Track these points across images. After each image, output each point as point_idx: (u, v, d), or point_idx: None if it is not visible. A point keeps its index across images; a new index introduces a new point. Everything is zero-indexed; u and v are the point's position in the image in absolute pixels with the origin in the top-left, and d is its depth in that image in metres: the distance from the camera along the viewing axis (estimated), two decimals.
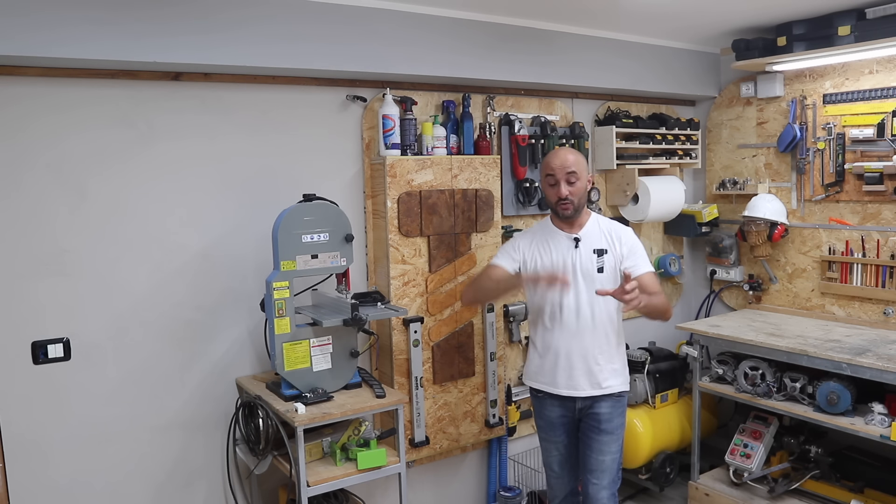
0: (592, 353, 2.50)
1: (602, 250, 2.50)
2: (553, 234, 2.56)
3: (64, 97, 2.37)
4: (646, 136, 3.73)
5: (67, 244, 2.41)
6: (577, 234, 2.53)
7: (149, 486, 2.62)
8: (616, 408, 2.54)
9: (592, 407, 2.53)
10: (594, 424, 2.53)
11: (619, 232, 2.55)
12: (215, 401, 2.73)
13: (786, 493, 3.19)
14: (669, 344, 3.99)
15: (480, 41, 3.02)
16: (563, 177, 2.45)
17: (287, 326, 2.47)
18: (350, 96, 2.92)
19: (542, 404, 2.63)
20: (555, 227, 2.57)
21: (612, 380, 2.53)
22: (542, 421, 2.66)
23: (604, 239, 2.52)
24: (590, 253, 2.50)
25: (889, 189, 3.25)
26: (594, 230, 2.55)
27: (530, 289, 2.58)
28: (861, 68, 3.34)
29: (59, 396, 2.43)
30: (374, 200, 2.98)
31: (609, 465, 2.54)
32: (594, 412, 2.53)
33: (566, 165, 2.44)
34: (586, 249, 2.50)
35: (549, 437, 2.65)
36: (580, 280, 2.48)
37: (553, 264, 2.50)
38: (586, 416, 2.55)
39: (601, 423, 2.52)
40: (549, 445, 2.66)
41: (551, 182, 2.47)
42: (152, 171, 2.54)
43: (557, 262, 2.51)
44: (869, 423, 2.80)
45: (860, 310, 3.43)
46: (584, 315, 2.48)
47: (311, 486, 2.37)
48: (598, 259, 2.49)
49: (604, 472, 2.54)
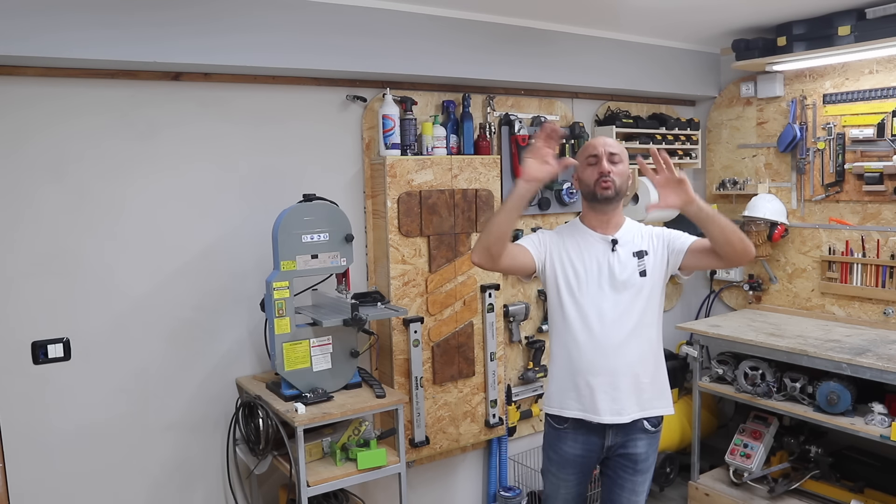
0: (636, 370, 2.13)
1: (642, 251, 2.16)
2: (584, 235, 2.19)
3: (64, 97, 2.37)
4: (646, 136, 3.73)
5: (67, 244, 2.41)
6: (613, 235, 2.18)
7: (149, 486, 2.62)
8: (652, 444, 2.23)
9: (626, 445, 2.18)
10: (628, 465, 2.21)
11: (656, 231, 2.22)
12: (215, 401, 2.73)
13: (786, 493, 3.20)
14: (669, 344, 3.99)
15: (480, 41, 3.02)
16: (606, 155, 2.13)
17: (287, 326, 2.47)
18: (350, 96, 2.92)
19: (561, 437, 2.22)
20: (586, 228, 2.21)
21: (661, 400, 2.20)
22: (555, 455, 2.26)
23: (643, 240, 2.19)
24: (629, 256, 2.15)
25: (889, 189, 3.25)
26: (631, 231, 2.21)
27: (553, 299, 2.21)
28: (861, 68, 3.34)
29: (59, 396, 2.43)
30: (374, 200, 2.98)
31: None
32: (628, 452, 2.19)
33: (608, 145, 2.16)
34: (625, 252, 2.16)
35: (560, 474, 2.26)
36: (619, 287, 2.13)
37: (586, 270, 2.15)
38: (617, 454, 2.21)
39: (637, 464, 2.20)
40: (559, 484, 2.27)
41: (591, 161, 2.14)
42: (152, 171, 2.54)
43: (591, 266, 2.15)
44: (869, 423, 2.80)
45: (860, 310, 3.43)
46: (627, 326, 2.12)
47: (311, 486, 2.37)
48: (640, 262, 2.15)
49: None
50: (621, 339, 2.12)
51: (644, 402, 2.16)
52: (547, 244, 2.21)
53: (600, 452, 2.22)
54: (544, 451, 2.34)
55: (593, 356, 2.13)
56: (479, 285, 3.14)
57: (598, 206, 2.17)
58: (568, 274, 2.17)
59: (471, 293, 3.11)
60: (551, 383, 2.26)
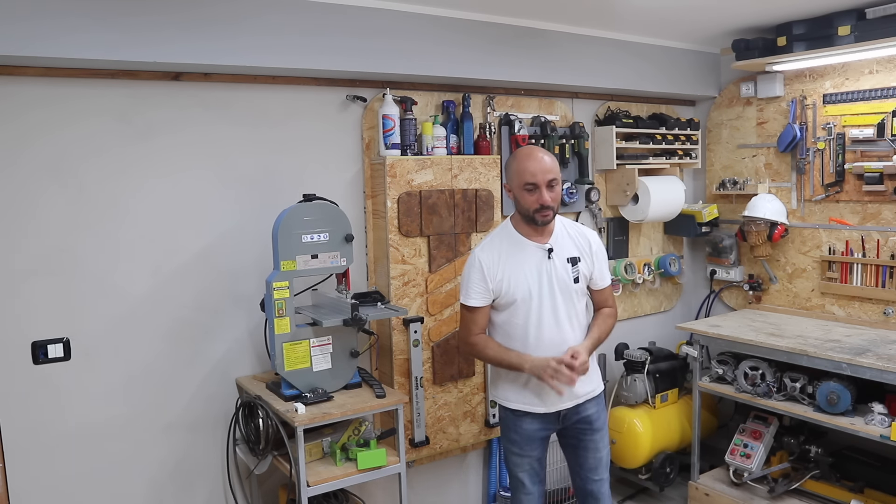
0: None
1: (576, 258, 2.36)
2: (521, 245, 2.34)
3: (64, 97, 2.37)
4: (646, 136, 3.73)
5: (68, 244, 2.41)
6: (548, 243, 2.34)
7: (149, 486, 2.62)
8: (600, 404, 2.50)
9: (578, 412, 2.43)
10: (585, 427, 2.45)
11: (587, 236, 2.42)
12: (215, 401, 2.73)
13: (786, 493, 3.19)
14: (669, 344, 3.99)
15: (480, 41, 3.02)
16: (545, 182, 2.23)
17: (287, 326, 2.47)
18: (350, 96, 2.92)
19: (519, 420, 2.42)
20: (521, 237, 2.35)
21: (594, 380, 2.47)
22: (516, 436, 2.44)
23: (574, 245, 2.38)
24: (564, 263, 2.34)
25: (889, 189, 3.25)
26: (563, 236, 2.38)
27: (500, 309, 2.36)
28: (861, 68, 3.34)
29: (59, 396, 2.43)
30: (374, 200, 2.98)
31: (605, 459, 2.51)
32: (583, 416, 2.44)
33: (546, 170, 2.24)
34: (560, 259, 2.34)
35: (523, 451, 2.45)
36: (557, 294, 2.32)
37: (527, 281, 2.31)
38: (573, 422, 2.45)
39: (592, 424, 2.45)
40: (523, 461, 2.46)
41: (530, 188, 2.24)
42: (152, 171, 2.54)
43: (531, 277, 2.31)
44: (869, 423, 2.80)
45: (860, 310, 3.43)
46: (565, 328, 2.33)
47: (311, 486, 2.37)
48: (574, 269, 2.34)
49: (604, 466, 2.51)
50: (562, 338, 2.34)
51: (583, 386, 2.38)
52: (487, 277, 2.33)
53: (557, 424, 2.45)
54: (505, 435, 2.51)
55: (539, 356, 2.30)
56: None
57: (535, 226, 2.33)
58: (511, 290, 2.32)
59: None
60: (501, 380, 2.46)
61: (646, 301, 4.07)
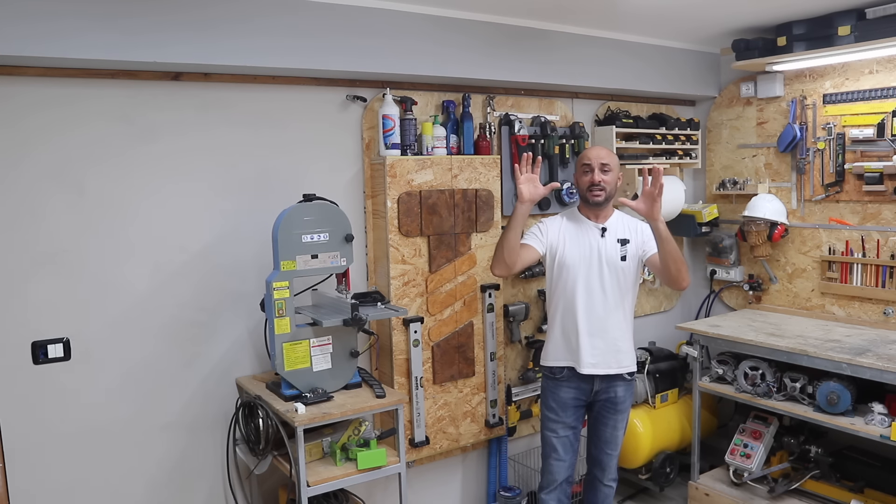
0: (614, 334, 2.66)
1: (625, 240, 2.67)
2: (581, 222, 2.70)
3: (64, 97, 2.37)
4: (646, 135, 3.73)
5: (68, 244, 2.41)
6: (603, 224, 2.68)
7: (149, 486, 2.62)
8: (629, 390, 2.75)
9: (608, 391, 2.70)
10: (610, 406, 2.72)
11: (641, 225, 2.71)
12: (215, 401, 2.73)
13: (786, 493, 3.19)
14: (669, 344, 3.99)
15: (480, 41, 3.02)
16: (598, 165, 2.63)
17: (287, 326, 2.47)
18: (350, 96, 2.92)
19: (558, 386, 2.73)
20: (582, 216, 2.72)
21: (629, 359, 2.71)
22: (553, 402, 2.74)
23: (627, 230, 2.69)
24: (614, 242, 2.66)
25: (889, 189, 3.25)
26: (618, 222, 2.71)
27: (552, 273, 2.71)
28: (861, 68, 3.34)
29: (59, 396, 2.43)
30: (374, 200, 2.98)
31: (620, 437, 2.79)
32: (610, 395, 2.70)
33: (601, 157, 2.65)
34: (611, 238, 2.66)
35: (559, 417, 2.74)
36: (605, 266, 2.64)
37: (580, 250, 2.65)
38: (602, 399, 2.72)
39: (617, 405, 2.72)
40: (558, 427, 2.74)
41: (586, 170, 2.65)
42: (152, 171, 2.54)
43: (584, 248, 2.65)
44: (869, 423, 2.80)
45: (860, 310, 3.43)
46: (609, 298, 2.64)
47: (311, 486, 2.37)
48: (622, 248, 2.65)
49: (617, 444, 2.79)
50: (605, 306, 2.65)
51: (616, 361, 2.68)
52: (548, 233, 2.71)
53: (589, 396, 2.72)
54: (544, 402, 2.80)
55: (583, 320, 2.64)
56: (479, 285, 3.14)
57: (590, 206, 2.69)
58: (565, 254, 2.67)
59: (471, 293, 3.12)
60: (549, 342, 2.77)
61: (646, 301, 4.07)
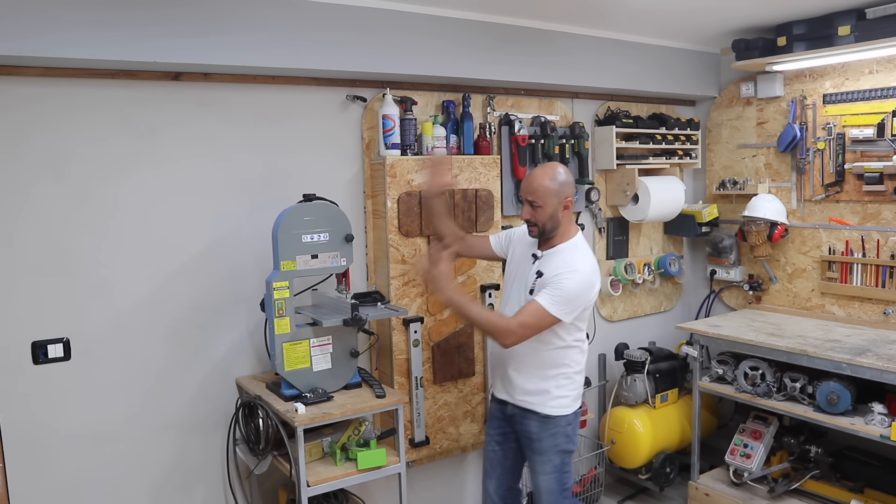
0: (511, 362, 2.49)
1: (541, 273, 2.43)
2: (531, 243, 2.55)
3: (64, 97, 2.37)
4: (646, 136, 3.73)
5: (67, 244, 2.41)
6: (541, 251, 2.49)
7: (148, 486, 2.62)
8: (544, 430, 2.45)
9: (521, 422, 2.51)
10: (526, 441, 2.53)
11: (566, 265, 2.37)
12: (215, 401, 2.73)
13: (786, 493, 3.19)
14: (669, 344, 3.99)
15: (480, 41, 3.02)
16: (526, 202, 2.44)
17: (287, 326, 2.47)
18: (350, 96, 2.92)
19: (492, 396, 2.70)
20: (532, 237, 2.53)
21: (529, 397, 2.47)
22: (488, 413, 2.74)
23: (554, 266, 2.40)
24: (535, 272, 2.45)
25: (889, 189, 3.25)
26: (555, 255, 2.44)
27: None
28: (861, 68, 3.34)
29: (59, 396, 2.43)
30: (374, 200, 2.98)
31: (544, 485, 2.48)
32: (523, 428, 2.51)
33: (530, 190, 2.41)
34: (535, 268, 2.47)
35: (487, 429, 2.70)
36: (521, 291, 2.47)
37: (513, 269, 2.59)
38: (517, 429, 2.55)
39: (532, 442, 2.50)
40: (487, 439, 2.69)
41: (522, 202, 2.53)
42: (152, 171, 2.54)
43: (517, 269, 2.56)
44: (869, 423, 2.80)
45: (860, 310, 3.43)
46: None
47: (311, 486, 2.37)
48: (536, 280, 2.42)
49: (541, 491, 2.50)
50: None
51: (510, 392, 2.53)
52: (507, 242, 2.66)
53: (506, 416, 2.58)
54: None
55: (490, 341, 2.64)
56: (479, 285, 3.14)
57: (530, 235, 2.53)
58: (508, 265, 2.64)
59: (470, 293, 3.12)
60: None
61: (646, 301, 4.07)
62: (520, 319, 2.30)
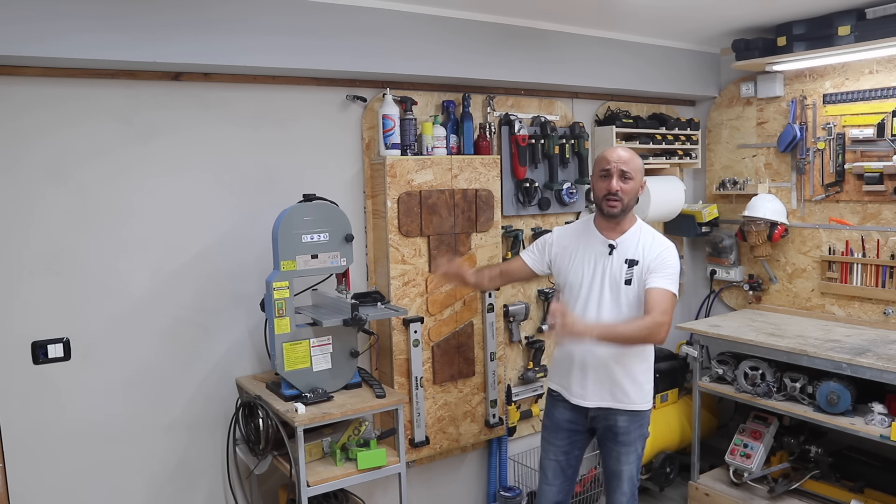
0: (610, 366, 2.37)
1: (634, 261, 2.33)
2: (591, 237, 2.43)
3: (64, 97, 2.37)
4: (646, 136, 3.73)
5: (67, 244, 2.41)
6: (614, 240, 2.38)
7: (149, 486, 2.62)
8: (633, 422, 2.41)
9: (608, 418, 2.42)
10: (611, 436, 2.44)
11: (656, 244, 2.35)
12: (215, 401, 2.73)
13: (786, 493, 3.20)
14: (669, 344, 3.98)
15: (480, 41, 3.02)
16: (617, 171, 2.30)
17: (287, 326, 2.47)
18: (350, 96, 2.92)
19: (554, 404, 2.54)
20: (594, 229, 2.44)
21: (635, 393, 2.40)
22: (548, 421, 2.57)
23: (639, 248, 2.35)
24: (622, 262, 2.35)
25: (889, 189, 3.25)
26: (632, 239, 2.37)
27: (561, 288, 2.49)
28: (861, 68, 3.34)
29: (59, 396, 2.43)
30: (374, 200, 2.98)
31: (627, 474, 2.45)
32: (609, 423, 2.43)
33: (622, 160, 2.31)
34: (619, 258, 2.35)
35: (550, 438, 2.56)
36: (606, 289, 2.35)
37: (582, 269, 2.40)
38: (601, 426, 2.46)
39: (618, 436, 2.42)
40: (549, 448, 2.56)
41: (603, 175, 2.33)
42: (152, 171, 2.54)
43: (588, 267, 2.39)
44: (869, 423, 2.80)
45: (860, 310, 3.43)
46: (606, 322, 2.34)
47: (311, 486, 2.37)
48: (629, 270, 2.33)
49: (624, 480, 2.46)
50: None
51: (611, 394, 2.40)
52: (552, 247, 2.51)
53: (586, 421, 2.48)
54: (543, 419, 2.63)
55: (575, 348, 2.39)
56: None
57: (604, 216, 2.39)
58: (568, 273, 2.44)
59: (471, 293, 3.11)
60: (553, 358, 2.59)
61: None
62: (660, 309, 2.22)
